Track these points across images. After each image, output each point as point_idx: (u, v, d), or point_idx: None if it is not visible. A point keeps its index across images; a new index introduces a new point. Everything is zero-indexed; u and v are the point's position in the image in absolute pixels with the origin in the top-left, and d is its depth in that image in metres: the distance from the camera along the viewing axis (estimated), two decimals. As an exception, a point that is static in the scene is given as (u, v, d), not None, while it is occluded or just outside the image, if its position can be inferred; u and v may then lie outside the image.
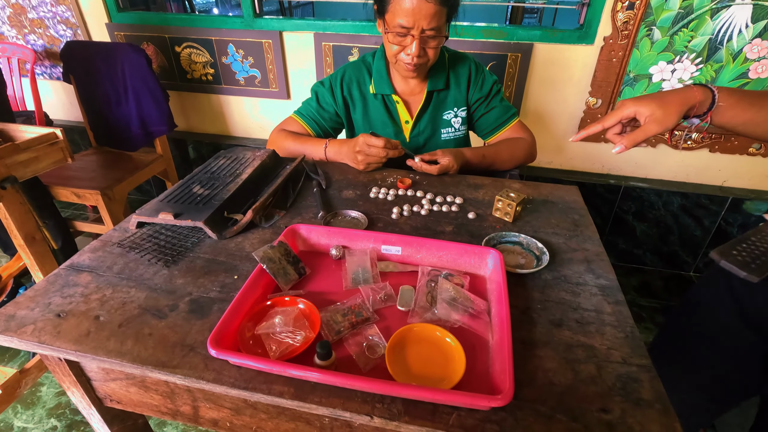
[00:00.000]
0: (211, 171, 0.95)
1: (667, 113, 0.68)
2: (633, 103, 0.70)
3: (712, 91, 0.68)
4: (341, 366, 0.56)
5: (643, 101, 0.69)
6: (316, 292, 0.68)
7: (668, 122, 0.68)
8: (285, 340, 0.56)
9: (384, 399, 0.52)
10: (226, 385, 0.53)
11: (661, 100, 0.69)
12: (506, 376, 0.50)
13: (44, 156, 1.40)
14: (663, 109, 0.68)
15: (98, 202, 1.79)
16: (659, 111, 0.68)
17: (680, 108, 0.68)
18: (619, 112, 0.71)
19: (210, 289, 0.69)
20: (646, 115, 0.69)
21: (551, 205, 0.95)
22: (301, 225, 0.77)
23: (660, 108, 0.68)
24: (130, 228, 0.82)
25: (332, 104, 1.20)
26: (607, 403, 0.52)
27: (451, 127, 1.21)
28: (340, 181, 1.04)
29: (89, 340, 0.59)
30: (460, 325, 0.61)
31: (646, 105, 0.68)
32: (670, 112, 0.68)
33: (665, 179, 1.96)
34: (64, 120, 2.58)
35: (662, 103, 0.68)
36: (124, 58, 1.89)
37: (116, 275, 0.71)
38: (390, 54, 1.05)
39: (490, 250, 0.71)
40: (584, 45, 1.73)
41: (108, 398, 0.69)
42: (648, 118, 0.68)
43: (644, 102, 0.69)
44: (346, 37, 1.91)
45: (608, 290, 0.70)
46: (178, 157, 2.44)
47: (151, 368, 0.55)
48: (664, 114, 0.68)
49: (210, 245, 0.79)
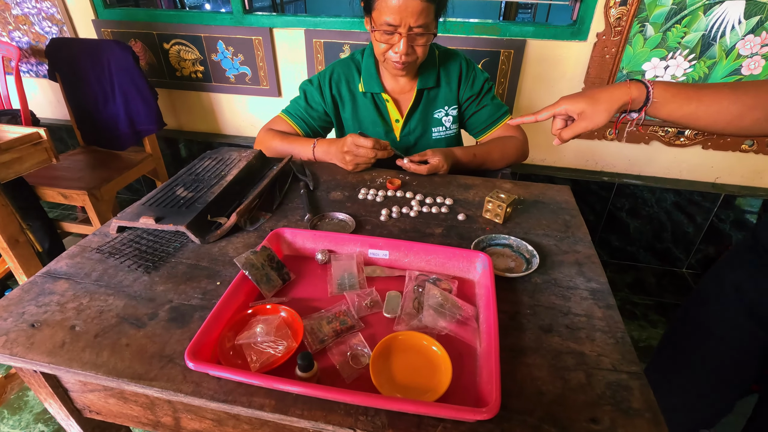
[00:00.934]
0: (195, 173, 0.93)
1: (596, 111, 0.71)
2: (566, 101, 0.74)
3: (647, 87, 0.70)
4: (324, 376, 0.54)
5: (576, 99, 0.73)
6: (301, 298, 0.67)
7: (598, 120, 0.72)
8: (266, 350, 0.55)
9: (368, 411, 0.50)
10: (205, 398, 0.52)
11: (592, 98, 0.72)
12: (493, 387, 0.48)
13: (27, 156, 1.37)
14: (593, 107, 0.71)
15: (85, 203, 1.76)
16: (589, 109, 0.71)
17: (610, 106, 0.71)
18: (553, 108, 0.75)
19: (191, 296, 0.67)
20: (578, 112, 0.72)
21: (542, 205, 0.94)
22: (286, 229, 0.75)
23: (590, 106, 0.71)
24: (111, 232, 0.80)
25: (321, 103, 1.18)
26: (596, 412, 0.50)
27: (442, 125, 1.19)
28: (329, 182, 1.02)
29: (64, 352, 0.57)
30: (447, 333, 0.60)
31: (578, 103, 0.72)
32: (599, 110, 0.71)
33: (658, 176, 1.95)
34: (52, 119, 2.53)
35: (593, 101, 0.71)
36: (110, 55, 1.85)
37: (94, 282, 0.69)
38: (378, 52, 1.03)
39: (479, 254, 0.69)
40: (577, 41, 1.71)
41: (87, 409, 0.67)
42: (579, 116, 0.72)
43: (576, 100, 0.73)
44: (337, 33, 1.88)
45: (599, 294, 0.68)
46: (170, 156, 2.41)
47: (127, 381, 0.53)
48: (593, 112, 0.71)
49: (193, 250, 0.77)
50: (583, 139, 1.92)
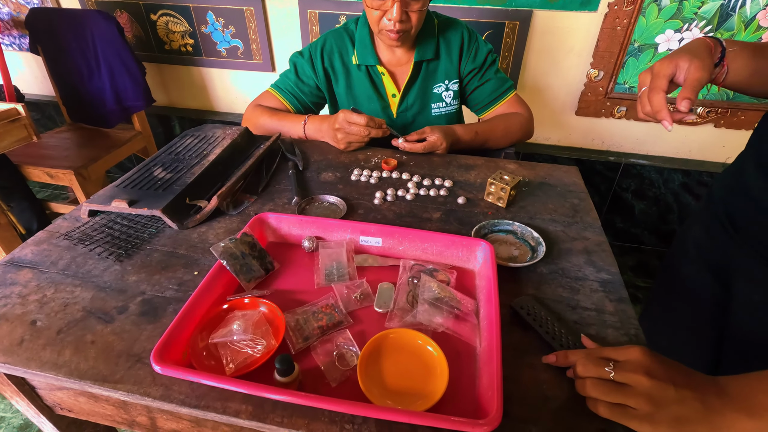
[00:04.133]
0: (175, 152, 0.86)
1: (702, 57, 0.61)
2: (669, 61, 0.62)
3: (718, 39, 0.64)
4: (307, 379, 0.49)
5: (674, 56, 0.62)
6: (285, 290, 0.61)
7: (709, 64, 0.61)
8: (243, 350, 0.49)
9: (355, 419, 0.45)
10: (176, 403, 0.47)
11: (687, 50, 0.62)
12: (494, 394, 0.43)
13: (5, 134, 1.30)
14: (697, 55, 0.61)
15: (72, 183, 1.70)
16: (696, 58, 0.60)
17: (707, 51, 0.62)
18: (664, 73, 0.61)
19: (166, 288, 0.61)
20: (686, 66, 0.60)
21: (549, 188, 0.87)
22: (270, 214, 0.69)
23: (694, 54, 0.61)
24: (82, 217, 0.74)
25: (312, 77, 1.10)
26: (608, 421, 0.45)
27: (442, 101, 1.12)
28: (319, 161, 0.96)
29: (22, 350, 0.52)
30: (444, 330, 0.54)
31: (681, 57, 0.61)
32: (704, 56, 0.61)
33: (666, 156, 1.88)
34: (38, 95, 2.44)
35: (690, 51, 0.62)
36: (93, 26, 1.76)
37: (61, 272, 0.63)
38: (372, 20, 0.95)
39: (480, 242, 0.63)
40: (587, 12, 1.61)
41: (58, 406, 0.63)
42: (691, 67, 0.60)
43: (676, 56, 0.62)
44: (332, 4, 1.78)
45: (610, 286, 0.63)
46: (162, 134, 2.33)
47: (90, 383, 0.48)
48: (701, 59, 0.60)
49: (170, 236, 0.71)
50: (590, 117, 1.84)
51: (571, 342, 0.53)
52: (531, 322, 0.56)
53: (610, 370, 0.45)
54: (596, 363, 0.46)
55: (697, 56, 0.60)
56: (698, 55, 0.61)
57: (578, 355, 0.49)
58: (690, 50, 0.62)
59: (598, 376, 0.45)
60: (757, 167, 0.65)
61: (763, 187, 0.64)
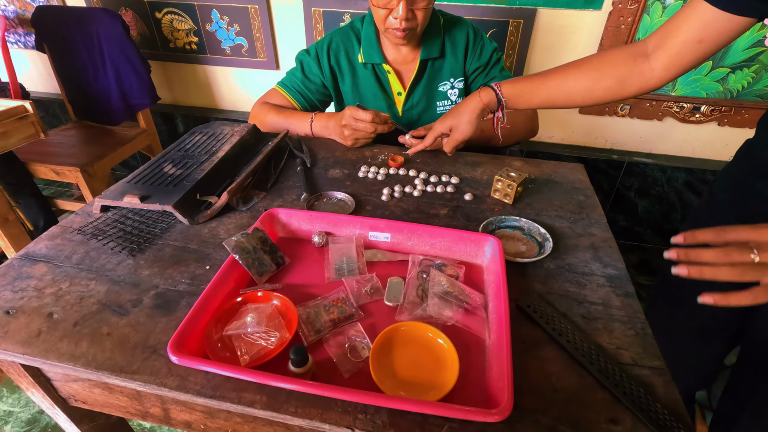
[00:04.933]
0: (184, 148, 0.87)
1: (461, 123, 0.84)
2: (438, 123, 0.88)
3: (494, 90, 0.79)
4: (320, 370, 0.50)
5: (444, 119, 0.87)
6: (296, 284, 0.62)
7: (465, 129, 0.84)
8: (257, 342, 0.50)
9: (367, 409, 0.46)
10: (191, 393, 0.48)
11: (455, 113, 0.85)
12: (504, 385, 0.44)
13: (14, 131, 1.31)
14: (457, 120, 0.84)
15: (78, 180, 1.71)
16: (455, 122, 0.84)
17: (470, 116, 0.82)
18: (432, 133, 0.89)
19: (178, 281, 0.62)
20: (448, 128, 0.86)
21: (554, 184, 0.88)
22: (280, 209, 0.70)
23: (455, 119, 0.84)
24: (94, 212, 0.75)
25: (319, 75, 1.10)
26: (616, 412, 0.46)
27: (448, 99, 1.12)
28: (327, 158, 0.96)
29: (39, 342, 0.53)
30: (453, 323, 0.55)
31: (446, 121, 0.86)
32: (464, 121, 0.83)
33: (670, 154, 1.88)
34: (44, 92, 2.45)
35: (456, 115, 0.84)
36: (99, 24, 1.76)
37: (75, 266, 0.64)
38: (378, 19, 0.95)
39: (488, 237, 0.64)
40: (591, 10, 1.61)
41: (72, 398, 0.64)
42: (452, 130, 0.86)
43: (444, 119, 0.87)
44: (337, 1, 1.78)
45: (617, 281, 0.64)
46: (166, 132, 2.33)
47: (107, 374, 0.49)
48: (459, 124, 0.84)
49: (181, 231, 0.72)
50: (594, 115, 1.84)
51: (577, 338, 0.54)
52: (537, 320, 0.56)
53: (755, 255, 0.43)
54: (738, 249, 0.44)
55: (458, 119, 0.84)
56: (460, 118, 0.83)
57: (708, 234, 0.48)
58: (457, 113, 0.84)
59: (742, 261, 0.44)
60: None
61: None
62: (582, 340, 0.54)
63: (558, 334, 0.54)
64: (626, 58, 0.70)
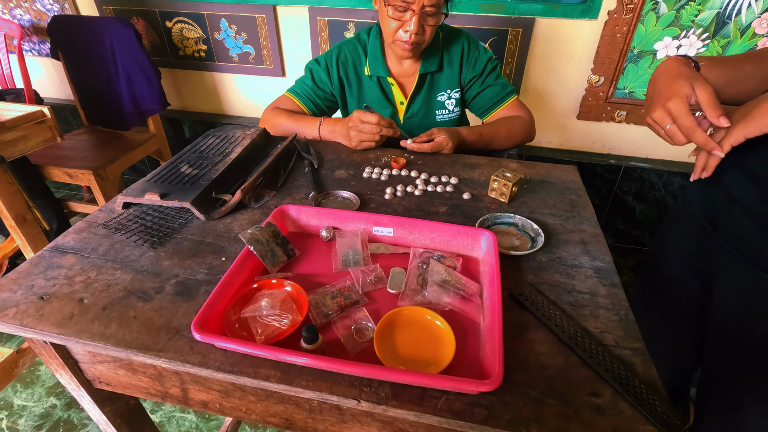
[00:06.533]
0: (199, 150, 0.93)
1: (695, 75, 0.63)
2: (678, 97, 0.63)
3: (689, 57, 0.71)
4: (329, 349, 0.55)
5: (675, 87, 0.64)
6: (305, 274, 0.67)
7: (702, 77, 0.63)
8: (271, 323, 0.55)
9: (372, 383, 0.51)
10: (212, 369, 0.53)
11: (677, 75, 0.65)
12: (496, 360, 0.49)
13: (32, 135, 1.37)
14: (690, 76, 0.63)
15: (91, 182, 1.77)
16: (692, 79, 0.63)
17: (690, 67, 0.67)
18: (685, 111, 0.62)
19: (197, 271, 0.67)
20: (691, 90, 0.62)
21: (548, 185, 0.93)
22: (290, 206, 0.75)
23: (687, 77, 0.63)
24: (117, 209, 0.80)
25: (328, 83, 1.17)
26: (598, 386, 0.51)
27: (445, 108, 1.19)
28: (333, 160, 1.02)
29: (73, 323, 0.58)
30: (450, 308, 0.60)
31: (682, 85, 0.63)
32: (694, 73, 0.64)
33: (667, 159, 1.93)
34: (55, 98, 2.52)
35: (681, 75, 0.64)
36: (112, 33, 1.83)
37: (101, 257, 0.69)
38: (387, 32, 1.02)
39: (484, 232, 0.69)
40: (587, 20, 1.67)
41: (97, 380, 0.69)
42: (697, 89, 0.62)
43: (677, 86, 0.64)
44: (341, 11, 1.85)
45: (604, 272, 0.68)
46: (173, 136, 2.40)
47: (135, 352, 0.54)
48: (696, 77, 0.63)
49: (197, 226, 0.77)
50: (592, 121, 1.90)
51: (564, 322, 0.59)
52: (529, 306, 0.61)
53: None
54: None
55: (691, 76, 0.63)
56: (691, 75, 0.64)
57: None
58: (680, 74, 0.64)
59: None
60: (737, 167, 0.69)
61: (743, 186, 0.68)
62: (569, 324, 0.58)
63: (547, 319, 0.59)
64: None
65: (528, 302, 0.61)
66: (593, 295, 0.64)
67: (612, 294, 0.64)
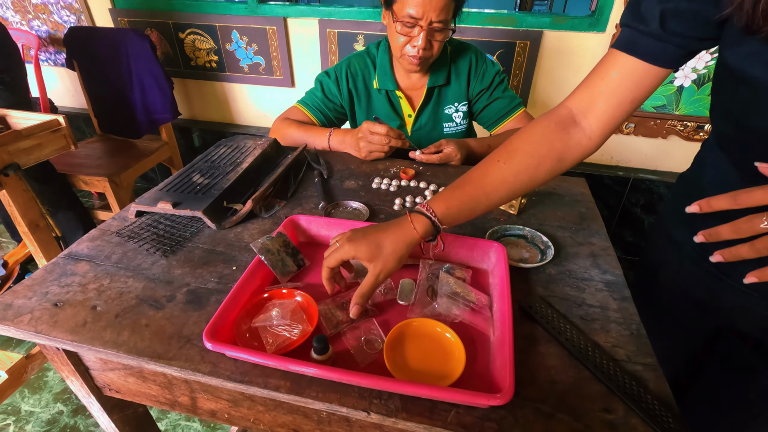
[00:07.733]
0: (211, 160, 0.94)
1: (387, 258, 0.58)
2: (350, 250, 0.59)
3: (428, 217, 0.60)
4: (339, 360, 0.55)
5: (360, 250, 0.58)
6: (316, 284, 0.67)
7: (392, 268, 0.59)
8: (282, 333, 0.56)
9: (381, 395, 0.51)
10: (222, 378, 0.53)
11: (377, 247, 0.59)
12: (506, 373, 0.48)
13: (47, 143, 1.40)
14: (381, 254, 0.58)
15: (106, 189, 1.80)
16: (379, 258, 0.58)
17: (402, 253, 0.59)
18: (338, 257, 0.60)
19: (208, 280, 0.68)
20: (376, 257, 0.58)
21: (557, 197, 0.93)
22: (300, 216, 0.76)
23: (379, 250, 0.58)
24: (129, 217, 0.81)
25: (337, 96, 1.18)
26: (610, 402, 0.50)
27: (453, 121, 1.20)
28: (342, 171, 1.03)
29: (86, 330, 0.58)
30: (460, 320, 0.60)
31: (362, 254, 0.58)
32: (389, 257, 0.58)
33: (675, 171, 1.92)
34: (69, 107, 2.57)
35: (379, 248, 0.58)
36: (128, 44, 1.88)
37: (114, 265, 0.70)
38: (395, 47, 1.03)
39: (493, 244, 0.69)
40: (595, 33, 1.68)
41: (107, 387, 0.69)
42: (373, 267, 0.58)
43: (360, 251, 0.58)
44: (351, 23, 1.88)
45: (614, 286, 0.68)
46: (183, 145, 2.43)
47: (147, 360, 0.55)
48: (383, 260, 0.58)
49: (209, 235, 0.78)
50: (599, 133, 1.89)
51: (575, 336, 0.58)
52: (539, 320, 0.61)
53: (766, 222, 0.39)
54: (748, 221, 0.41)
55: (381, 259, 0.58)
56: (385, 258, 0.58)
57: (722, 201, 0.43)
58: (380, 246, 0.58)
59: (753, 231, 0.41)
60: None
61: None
62: (580, 338, 0.58)
63: (557, 332, 0.59)
64: (556, 131, 0.62)
65: (538, 315, 0.61)
66: (604, 309, 0.64)
67: (623, 308, 0.64)
